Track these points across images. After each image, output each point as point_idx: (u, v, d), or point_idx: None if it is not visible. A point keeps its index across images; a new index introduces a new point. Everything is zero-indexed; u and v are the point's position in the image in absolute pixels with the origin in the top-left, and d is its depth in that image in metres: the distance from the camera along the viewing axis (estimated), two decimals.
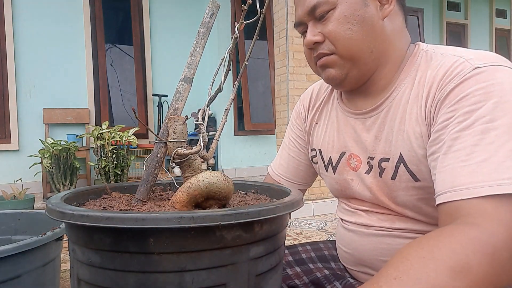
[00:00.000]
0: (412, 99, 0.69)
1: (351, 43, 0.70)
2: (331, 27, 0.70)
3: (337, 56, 0.71)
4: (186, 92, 0.65)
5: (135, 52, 4.86)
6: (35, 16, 4.29)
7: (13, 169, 4.12)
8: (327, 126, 0.85)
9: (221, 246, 0.48)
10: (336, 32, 0.70)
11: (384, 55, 0.72)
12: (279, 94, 3.37)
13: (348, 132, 0.79)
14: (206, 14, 0.67)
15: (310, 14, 0.72)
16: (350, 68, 0.72)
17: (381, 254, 0.73)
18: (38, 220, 1.30)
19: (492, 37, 7.08)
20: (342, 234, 0.82)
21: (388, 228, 0.72)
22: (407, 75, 0.71)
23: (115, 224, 0.44)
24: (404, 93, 0.70)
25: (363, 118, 0.76)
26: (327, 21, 0.70)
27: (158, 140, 0.63)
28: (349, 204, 0.81)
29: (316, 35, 0.72)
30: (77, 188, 0.87)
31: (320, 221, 2.98)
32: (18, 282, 0.98)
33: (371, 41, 0.70)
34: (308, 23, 0.73)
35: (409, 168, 0.68)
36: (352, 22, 0.69)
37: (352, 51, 0.70)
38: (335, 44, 0.71)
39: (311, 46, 0.73)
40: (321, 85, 0.91)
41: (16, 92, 4.21)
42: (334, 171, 0.82)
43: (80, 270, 0.51)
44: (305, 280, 0.83)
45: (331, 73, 0.73)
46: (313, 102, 0.91)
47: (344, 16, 0.69)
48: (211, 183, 0.55)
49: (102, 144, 3.55)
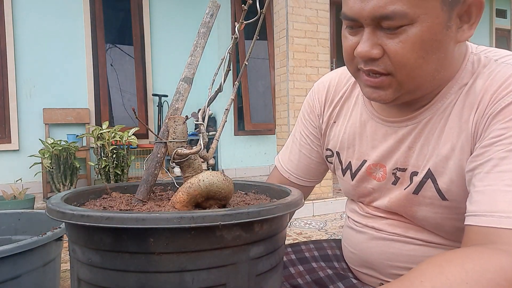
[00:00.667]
0: (457, 110, 0.61)
1: (417, 72, 0.58)
2: (399, 48, 0.56)
3: (394, 79, 0.59)
4: (186, 92, 0.65)
5: (135, 52, 4.86)
6: (35, 16, 4.29)
7: (13, 169, 4.12)
8: (346, 127, 0.77)
9: (221, 246, 0.48)
10: (405, 57, 0.56)
11: (444, 79, 0.63)
12: (279, 94, 3.37)
13: (376, 139, 0.72)
14: (206, 14, 0.67)
15: (375, 20, 0.56)
16: (404, 93, 0.61)
17: (389, 259, 0.71)
18: (38, 220, 1.30)
19: (492, 37, 7.08)
20: (349, 234, 0.80)
21: (400, 234, 0.70)
22: (454, 83, 0.63)
23: (115, 224, 0.44)
24: (450, 104, 0.63)
25: (396, 126, 0.69)
26: (395, 37, 0.56)
27: (158, 140, 0.63)
28: (362, 207, 0.78)
29: (375, 48, 0.57)
30: (77, 188, 0.87)
31: (320, 221, 2.98)
32: (18, 282, 0.98)
33: (438, 68, 0.59)
34: (366, 27, 0.57)
35: (437, 186, 0.63)
36: (427, 49, 0.56)
37: (415, 80, 0.59)
38: (397, 68, 0.58)
39: (365, 59, 0.59)
40: (340, 77, 0.81)
41: (16, 92, 4.21)
42: (353, 177, 0.77)
43: (80, 270, 0.51)
44: (307, 279, 0.82)
45: (380, 95, 0.62)
46: (330, 97, 0.80)
47: (421, 40, 0.55)
48: (211, 183, 0.55)
49: (102, 144, 3.55)
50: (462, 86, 0.62)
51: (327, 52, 3.35)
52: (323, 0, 3.31)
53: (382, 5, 0.54)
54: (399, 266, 0.70)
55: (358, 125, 0.75)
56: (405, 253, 0.69)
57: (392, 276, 0.71)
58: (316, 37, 3.29)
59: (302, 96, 3.25)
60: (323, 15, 3.31)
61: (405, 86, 0.60)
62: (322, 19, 3.30)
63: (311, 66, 3.28)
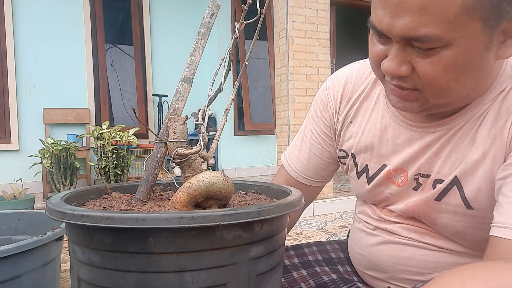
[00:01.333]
0: (491, 115, 0.58)
1: (448, 94, 0.54)
2: (429, 69, 0.51)
3: (422, 95, 0.55)
4: (186, 92, 0.65)
5: (135, 52, 4.86)
6: (35, 16, 4.29)
7: (13, 169, 4.12)
8: (365, 129, 0.72)
9: (221, 246, 0.48)
10: (435, 79, 0.51)
11: (481, 92, 0.58)
12: (279, 94, 3.37)
13: (399, 144, 0.68)
14: (206, 14, 0.67)
15: (405, 39, 0.50)
16: (433, 107, 0.57)
17: (401, 263, 0.68)
18: (38, 220, 1.30)
19: None
20: (359, 236, 0.77)
21: (415, 239, 0.68)
22: (492, 89, 0.58)
23: (115, 224, 0.44)
24: (485, 112, 0.58)
25: (423, 132, 0.64)
26: (427, 57, 0.51)
27: (158, 140, 0.63)
28: (375, 210, 0.74)
29: (404, 65, 0.53)
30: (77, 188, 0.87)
31: (320, 221, 2.98)
32: (18, 282, 0.98)
33: (472, 87, 0.54)
34: (396, 43, 0.52)
35: (463, 194, 0.60)
36: (461, 72, 0.51)
37: (446, 99, 0.55)
38: (425, 87, 0.53)
39: (392, 76, 0.55)
40: (358, 73, 0.75)
41: (16, 92, 4.21)
42: (369, 181, 0.73)
43: (80, 270, 0.51)
44: (311, 284, 0.79)
45: (406, 106, 0.58)
46: (347, 95, 0.75)
47: (455, 63, 0.50)
48: (211, 183, 0.55)
49: (102, 144, 3.55)
50: (498, 94, 0.58)
51: (327, 52, 3.35)
52: (323, 0, 3.31)
53: (414, 26, 0.48)
54: (411, 271, 0.68)
55: (379, 127, 0.70)
56: (418, 257, 0.67)
57: (402, 281, 0.69)
58: (316, 37, 3.28)
59: (302, 96, 3.25)
60: (323, 15, 3.31)
61: (433, 102, 0.56)
62: (322, 19, 3.30)
63: (311, 66, 3.28)
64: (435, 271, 0.66)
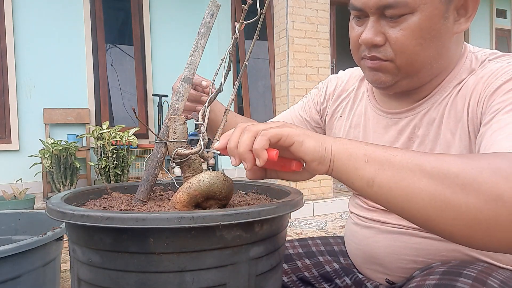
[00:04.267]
0: (451, 100, 0.66)
1: (415, 58, 0.63)
2: (399, 35, 0.61)
3: (393, 65, 0.64)
4: (187, 92, 0.65)
5: (135, 52, 4.86)
6: (35, 16, 4.29)
7: (13, 169, 4.12)
8: (351, 122, 0.81)
9: (221, 246, 0.48)
10: (404, 44, 0.61)
11: (442, 69, 0.67)
12: (279, 94, 3.37)
13: (378, 131, 0.76)
14: (206, 14, 0.67)
15: (380, 9, 0.61)
16: (402, 78, 0.66)
17: (395, 252, 0.71)
18: (38, 220, 1.30)
19: (492, 37, 7.08)
20: (354, 231, 0.81)
21: (405, 226, 0.71)
22: (453, 77, 0.67)
23: (116, 224, 0.44)
24: (447, 97, 0.67)
25: (397, 118, 0.73)
26: (397, 25, 0.61)
27: (158, 140, 0.63)
28: (366, 201, 0.79)
29: (378, 35, 0.63)
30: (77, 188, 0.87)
31: (320, 221, 2.98)
32: (18, 282, 0.98)
33: (435, 57, 0.63)
34: (371, 16, 0.63)
35: None
36: (425, 37, 0.61)
37: (412, 65, 0.64)
38: (396, 54, 0.63)
39: (368, 46, 0.65)
40: (350, 76, 0.86)
41: (16, 92, 4.21)
42: None
43: (80, 270, 0.51)
44: (314, 273, 0.84)
45: (380, 77, 0.67)
46: (338, 92, 0.86)
47: (420, 28, 0.60)
48: (212, 183, 0.55)
49: (103, 144, 3.55)
50: (461, 81, 0.66)
51: (327, 52, 3.35)
52: (323, 0, 3.31)
53: None
54: (405, 259, 0.70)
55: (363, 118, 0.79)
56: (411, 246, 0.70)
57: (398, 270, 0.72)
58: (316, 37, 3.28)
59: (302, 96, 3.24)
60: (323, 15, 3.31)
61: (404, 71, 0.64)
62: (322, 19, 3.30)
63: (311, 66, 3.28)
64: (427, 258, 0.69)
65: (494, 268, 0.62)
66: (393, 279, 0.73)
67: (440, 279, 0.57)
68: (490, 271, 0.60)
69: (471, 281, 0.55)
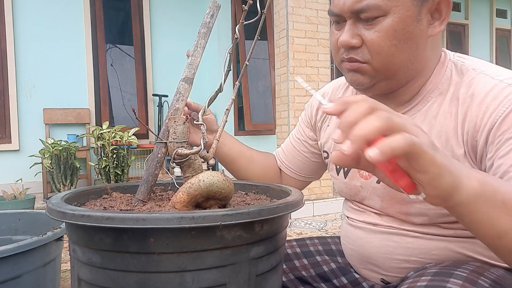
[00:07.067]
0: (442, 115, 0.66)
1: (390, 60, 0.64)
2: (375, 37, 0.63)
3: (370, 67, 0.66)
4: (187, 92, 0.65)
5: (135, 52, 4.85)
6: (35, 16, 4.29)
7: (13, 169, 4.11)
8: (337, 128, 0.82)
9: (221, 246, 0.48)
10: (379, 45, 0.63)
11: (418, 71, 0.68)
12: (279, 94, 3.37)
13: None
14: (206, 14, 0.67)
15: (354, 13, 0.64)
16: (380, 80, 0.67)
17: (388, 252, 0.72)
18: (38, 220, 1.30)
19: (492, 37, 7.07)
20: (347, 231, 0.82)
21: (397, 227, 0.72)
22: (434, 87, 0.68)
23: (116, 224, 0.44)
24: (431, 107, 0.68)
25: None
26: (371, 27, 0.63)
27: (158, 140, 0.63)
28: (358, 204, 0.80)
29: (355, 37, 0.65)
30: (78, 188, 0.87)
31: (320, 221, 2.98)
32: (18, 282, 0.98)
33: (410, 59, 0.65)
34: (348, 20, 0.66)
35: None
36: (399, 38, 0.63)
37: (389, 67, 0.65)
38: (373, 56, 0.65)
39: (346, 48, 0.67)
40: (335, 86, 0.88)
41: (16, 92, 4.20)
42: (346, 175, 0.80)
43: (80, 270, 0.51)
44: (312, 273, 0.85)
45: (358, 78, 0.68)
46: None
47: (393, 29, 0.62)
48: (212, 183, 0.55)
49: (103, 144, 3.55)
50: (444, 92, 0.67)
51: (327, 52, 3.35)
52: (323, 0, 3.31)
53: (358, 0, 0.62)
54: (398, 259, 0.71)
55: None
56: (403, 245, 0.70)
57: (392, 270, 0.72)
58: (316, 37, 3.28)
59: (302, 96, 3.25)
60: (323, 15, 3.31)
61: (381, 72, 0.66)
62: (322, 19, 3.30)
63: (311, 66, 3.28)
64: (419, 257, 0.69)
65: (487, 267, 0.63)
66: (388, 279, 0.74)
67: (431, 280, 0.57)
68: (482, 270, 0.60)
69: (462, 282, 0.55)
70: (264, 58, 5.22)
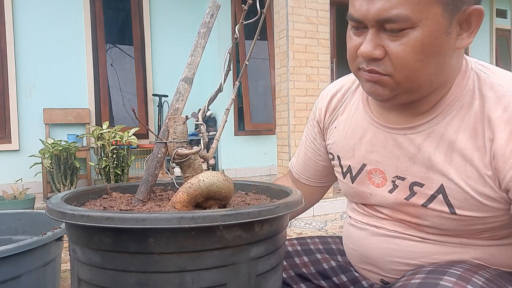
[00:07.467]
0: (464, 131, 0.62)
1: (415, 74, 0.59)
2: (400, 50, 0.58)
3: (392, 80, 0.61)
4: (187, 92, 0.65)
5: (136, 52, 4.85)
6: (35, 16, 4.29)
7: (13, 169, 4.11)
8: (347, 132, 0.79)
9: (221, 246, 0.48)
10: (404, 59, 0.58)
11: (442, 83, 0.64)
12: (279, 94, 3.37)
13: (375, 144, 0.73)
14: (206, 14, 0.67)
15: (379, 22, 0.58)
16: (401, 92, 0.63)
17: (388, 254, 0.72)
18: (38, 220, 1.30)
19: (492, 37, 7.07)
20: (350, 231, 0.81)
21: (400, 232, 0.71)
22: (456, 99, 0.64)
23: (116, 224, 0.44)
24: (452, 120, 0.64)
25: (395, 133, 0.70)
26: (397, 39, 0.58)
27: (158, 140, 0.63)
28: (364, 207, 0.78)
29: (377, 48, 0.59)
30: (78, 188, 0.87)
31: (320, 221, 2.98)
32: (18, 282, 0.98)
33: (436, 73, 0.60)
34: (370, 28, 0.59)
35: (449, 201, 0.64)
36: (427, 53, 0.58)
37: (412, 81, 0.60)
38: (396, 69, 0.59)
39: (367, 59, 0.61)
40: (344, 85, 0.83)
41: (16, 92, 4.20)
42: (353, 181, 0.78)
43: (80, 270, 0.51)
44: (312, 270, 0.85)
45: (377, 90, 0.63)
46: (332, 106, 0.83)
47: (421, 44, 0.57)
48: (212, 183, 0.55)
49: (103, 144, 3.55)
50: (465, 105, 0.63)
51: (327, 52, 3.35)
52: (323, 0, 3.31)
53: (387, 8, 0.56)
54: (398, 261, 0.71)
55: (359, 130, 0.76)
56: (403, 248, 0.70)
57: (391, 272, 0.72)
58: (316, 37, 3.28)
59: (302, 96, 3.25)
60: (323, 15, 3.31)
61: (403, 86, 0.61)
62: (322, 19, 3.30)
63: (311, 66, 3.28)
64: (419, 260, 0.69)
65: (482, 266, 0.62)
66: (388, 280, 0.74)
67: (425, 278, 0.57)
68: (477, 269, 0.60)
69: (455, 279, 0.55)
70: (264, 58, 5.21)
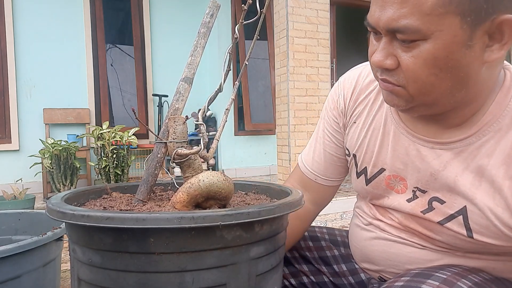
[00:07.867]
0: (498, 157, 0.57)
1: (429, 89, 0.55)
2: (410, 63, 0.54)
3: (406, 92, 0.57)
4: (187, 92, 0.65)
5: (135, 52, 4.85)
6: (35, 16, 4.29)
7: (13, 169, 4.11)
8: (367, 131, 0.73)
9: (221, 246, 0.48)
10: (415, 73, 0.54)
11: (470, 99, 0.57)
12: (279, 94, 3.37)
13: (398, 150, 0.68)
14: (206, 14, 0.67)
15: (389, 31, 0.54)
16: (418, 105, 0.58)
17: (389, 258, 0.72)
18: (38, 220, 1.30)
19: None
20: (354, 231, 0.81)
21: (404, 238, 0.70)
22: (494, 120, 0.58)
23: (116, 224, 0.44)
24: (487, 143, 0.58)
25: (421, 145, 0.65)
26: (409, 50, 0.53)
27: (158, 140, 0.63)
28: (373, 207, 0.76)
29: (389, 58, 0.56)
30: (78, 188, 0.87)
31: (320, 222, 2.98)
32: (18, 282, 0.98)
33: (456, 88, 0.55)
34: (384, 36, 0.56)
35: (468, 225, 0.60)
36: (441, 67, 0.52)
37: (428, 95, 0.56)
38: (408, 82, 0.55)
39: (379, 68, 0.58)
40: (369, 74, 0.75)
41: (16, 92, 4.20)
42: (367, 183, 0.74)
43: (80, 270, 0.51)
44: (315, 255, 0.87)
45: (393, 100, 0.60)
46: (355, 96, 0.76)
47: (433, 57, 0.52)
48: (212, 183, 0.55)
49: (103, 144, 3.55)
50: (504, 128, 0.57)
51: (327, 52, 3.35)
52: (323, 0, 3.31)
53: (396, 18, 0.52)
54: (398, 265, 0.71)
55: (381, 131, 0.71)
56: (405, 254, 0.70)
57: (391, 274, 0.73)
58: (316, 37, 3.29)
59: (302, 96, 3.25)
60: (323, 15, 3.31)
61: (417, 99, 0.57)
62: (322, 19, 3.30)
63: (311, 66, 3.28)
64: (420, 265, 0.68)
65: (475, 271, 0.61)
66: (387, 278, 0.74)
67: (408, 281, 0.56)
68: (466, 273, 0.58)
69: (438, 283, 0.53)
70: (264, 58, 5.21)
